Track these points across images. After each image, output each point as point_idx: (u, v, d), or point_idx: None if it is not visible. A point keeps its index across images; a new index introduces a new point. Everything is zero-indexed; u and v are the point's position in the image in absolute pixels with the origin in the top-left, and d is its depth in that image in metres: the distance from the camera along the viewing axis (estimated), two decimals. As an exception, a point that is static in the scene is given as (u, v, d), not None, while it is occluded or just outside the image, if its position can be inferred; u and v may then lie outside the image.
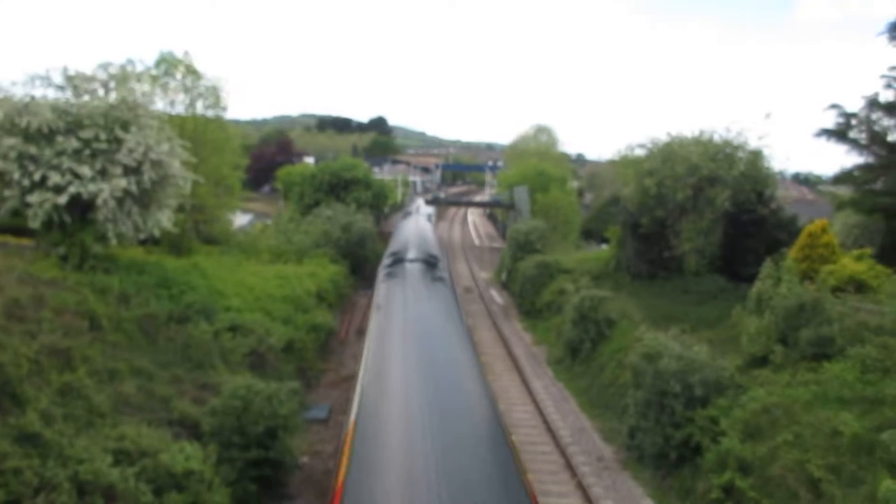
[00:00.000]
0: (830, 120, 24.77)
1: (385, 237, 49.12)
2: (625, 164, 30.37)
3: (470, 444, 9.27)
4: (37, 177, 16.10)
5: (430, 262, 24.81)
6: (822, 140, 24.94)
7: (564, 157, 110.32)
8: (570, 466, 16.90)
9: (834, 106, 24.70)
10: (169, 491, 10.29)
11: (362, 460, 8.83)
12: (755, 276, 19.50)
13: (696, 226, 24.87)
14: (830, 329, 15.37)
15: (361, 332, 27.76)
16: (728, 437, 13.86)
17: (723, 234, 25.16)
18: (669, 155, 26.49)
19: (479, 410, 10.66)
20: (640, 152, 29.48)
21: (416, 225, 39.73)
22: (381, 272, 24.44)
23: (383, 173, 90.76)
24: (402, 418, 9.86)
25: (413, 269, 23.10)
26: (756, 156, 25.77)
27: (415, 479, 8.00)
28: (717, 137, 26.68)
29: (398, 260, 25.10)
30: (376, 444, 9.23)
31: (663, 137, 28.23)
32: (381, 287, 21.38)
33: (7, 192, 16.36)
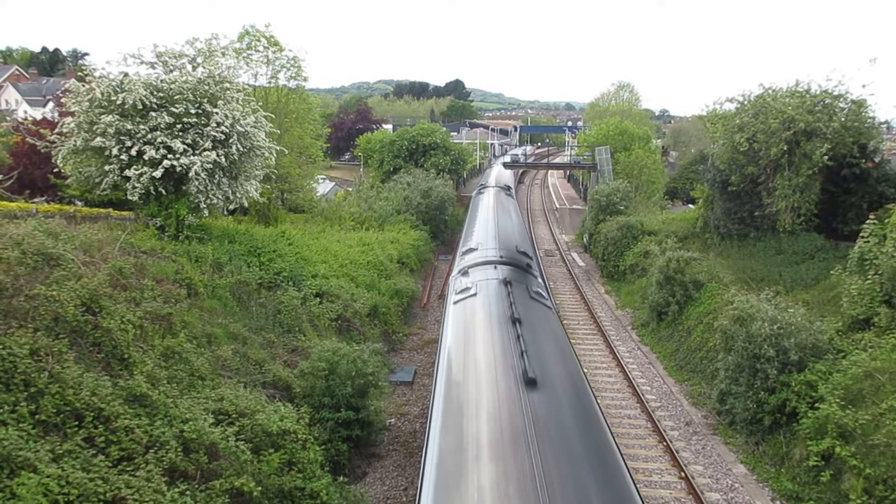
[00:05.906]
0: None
1: (464, 201, 48.87)
2: (713, 120, 29.01)
3: (559, 407, 9.20)
4: (133, 151, 16.85)
5: (519, 265, 16.13)
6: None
7: (647, 114, 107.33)
8: (657, 430, 16.65)
9: None
10: (266, 449, 10.77)
11: (449, 421, 8.92)
12: (856, 233, 18.40)
13: (791, 182, 23.59)
14: (942, 289, 14.43)
15: (442, 297, 28.05)
16: (827, 402, 13.24)
17: (820, 191, 23.81)
18: (762, 108, 25.15)
19: (567, 375, 10.54)
20: (729, 107, 28.21)
21: (496, 204, 28.58)
22: (452, 284, 15.97)
23: (461, 137, 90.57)
24: (489, 380, 9.86)
25: (495, 280, 13.95)
26: (859, 105, 24.09)
27: (504, 440, 8.01)
28: (814, 88, 25.12)
29: (474, 264, 16.14)
30: (465, 404, 9.27)
31: (755, 90, 26.92)
32: (450, 314, 13.24)
33: (107, 167, 17.20)
